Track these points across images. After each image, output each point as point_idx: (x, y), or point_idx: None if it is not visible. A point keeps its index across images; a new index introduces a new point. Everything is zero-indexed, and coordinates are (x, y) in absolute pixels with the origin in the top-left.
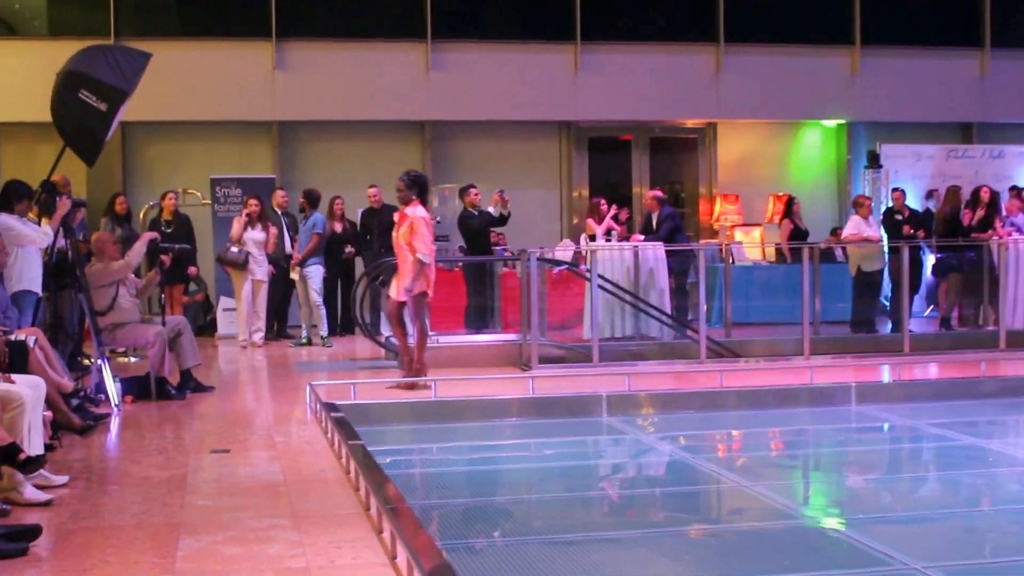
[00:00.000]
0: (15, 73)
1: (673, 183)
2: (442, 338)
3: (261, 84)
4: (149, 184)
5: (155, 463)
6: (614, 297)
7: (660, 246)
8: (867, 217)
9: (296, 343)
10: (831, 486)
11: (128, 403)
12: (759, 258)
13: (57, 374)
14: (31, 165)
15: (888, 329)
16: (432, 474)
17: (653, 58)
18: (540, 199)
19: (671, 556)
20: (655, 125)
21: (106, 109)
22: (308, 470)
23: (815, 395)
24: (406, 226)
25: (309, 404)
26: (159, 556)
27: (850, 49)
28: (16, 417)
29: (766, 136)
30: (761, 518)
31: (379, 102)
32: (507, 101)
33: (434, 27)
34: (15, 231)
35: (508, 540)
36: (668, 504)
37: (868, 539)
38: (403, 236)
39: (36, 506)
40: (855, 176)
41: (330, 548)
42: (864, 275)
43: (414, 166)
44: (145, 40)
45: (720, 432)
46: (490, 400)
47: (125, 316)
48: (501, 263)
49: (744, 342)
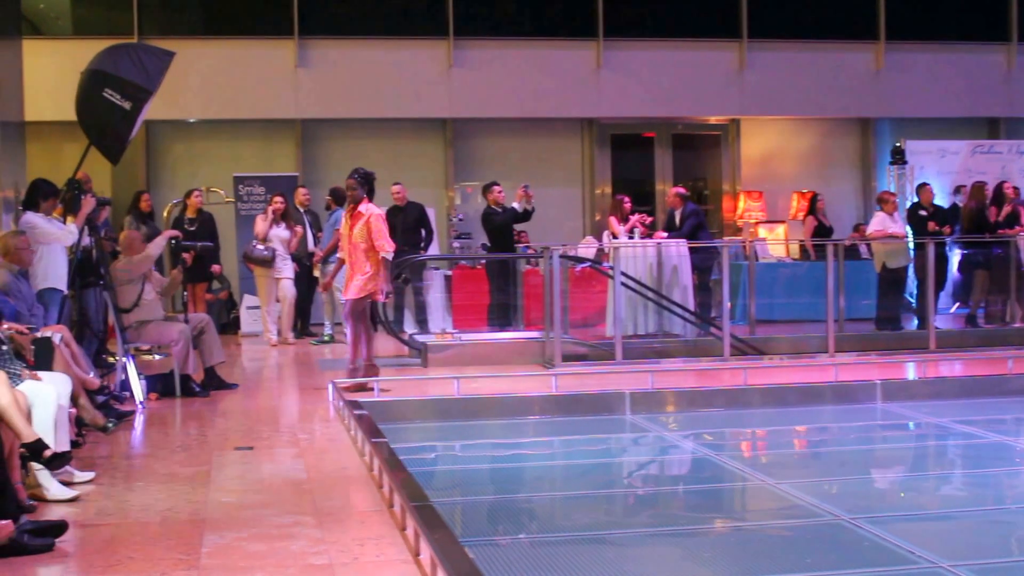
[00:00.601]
0: (40, 72)
1: (696, 180)
2: (465, 335)
3: (284, 82)
4: (172, 182)
5: (179, 460)
6: (637, 294)
7: (683, 243)
8: (892, 213)
9: (318, 341)
10: (856, 484)
11: (152, 400)
12: (783, 255)
13: (83, 371)
14: (56, 164)
15: (914, 326)
16: (455, 471)
17: (676, 54)
18: (563, 196)
19: (695, 554)
20: (678, 122)
21: (130, 108)
22: (331, 467)
23: (840, 393)
24: (362, 225)
25: (332, 402)
26: (184, 552)
27: (875, 44)
28: (42, 414)
29: (790, 132)
30: (786, 516)
31: (402, 100)
32: (529, 98)
33: (456, 24)
34: (41, 229)
35: (531, 537)
36: (692, 502)
37: (894, 537)
38: (359, 235)
39: (62, 502)
40: (880, 172)
41: (353, 545)
42: (889, 272)
43: (437, 164)
44: (168, 39)
45: (744, 430)
46: (513, 397)
47: (149, 314)
48: (524, 261)
49: (768, 339)
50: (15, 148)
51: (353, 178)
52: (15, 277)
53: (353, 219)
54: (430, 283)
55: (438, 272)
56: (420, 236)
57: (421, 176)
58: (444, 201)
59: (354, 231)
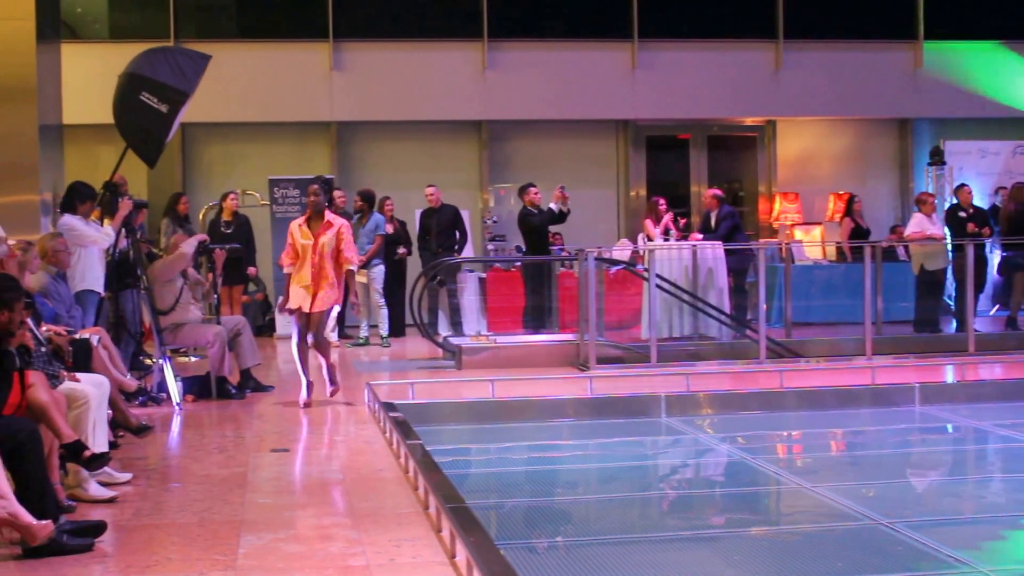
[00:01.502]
0: (77, 76)
1: (732, 182)
2: (500, 338)
3: (319, 85)
4: (208, 185)
5: (216, 461)
6: (672, 297)
7: (719, 245)
8: (930, 215)
9: (354, 343)
10: (895, 488)
11: (189, 402)
12: (819, 257)
13: (120, 373)
14: (93, 167)
15: (952, 329)
16: (490, 474)
17: (711, 55)
18: (597, 198)
19: (731, 557)
20: (713, 123)
21: (167, 111)
22: (367, 469)
23: (878, 396)
24: (333, 234)
25: (368, 404)
26: (221, 553)
27: (913, 44)
28: (81, 415)
29: (826, 133)
30: (823, 520)
31: (436, 102)
32: (564, 100)
33: (491, 26)
34: (78, 232)
35: (566, 540)
36: (728, 505)
37: (933, 541)
38: (329, 244)
39: (101, 503)
40: (918, 173)
41: (390, 547)
42: (927, 274)
43: (471, 166)
44: (204, 42)
45: (780, 433)
46: (548, 400)
47: (186, 316)
48: (558, 263)
49: (805, 342)
50: (54, 151)
51: (319, 185)
52: (53, 279)
53: (322, 228)
54: (464, 285)
55: (472, 274)
56: (454, 238)
57: (455, 178)
58: (478, 203)
59: (322, 240)
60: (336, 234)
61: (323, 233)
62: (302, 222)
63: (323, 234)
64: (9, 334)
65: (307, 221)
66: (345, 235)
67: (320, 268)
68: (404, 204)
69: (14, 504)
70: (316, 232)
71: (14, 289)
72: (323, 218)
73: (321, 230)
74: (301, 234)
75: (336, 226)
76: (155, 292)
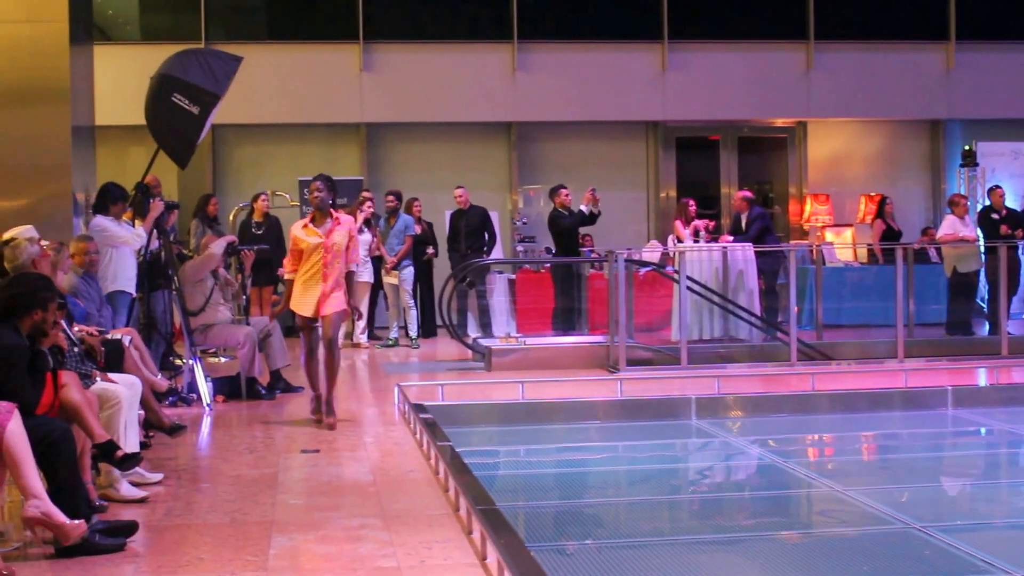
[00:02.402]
0: (109, 77)
1: (762, 183)
2: (529, 339)
3: (349, 86)
4: (238, 186)
5: (246, 462)
6: (702, 299)
7: (749, 247)
8: (963, 216)
9: (383, 344)
10: (927, 491)
11: (219, 403)
12: (851, 259)
13: (151, 373)
14: (124, 168)
15: (985, 331)
16: (520, 476)
17: (741, 56)
18: (627, 200)
19: (762, 561)
20: (744, 124)
21: (198, 112)
22: (397, 470)
23: (910, 399)
24: (343, 234)
25: (397, 405)
26: (252, 554)
27: (945, 45)
28: (113, 415)
29: (858, 135)
30: (856, 523)
31: (466, 103)
32: (594, 101)
33: (520, 28)
34: (110, 232)
35: (596, 543)
36: (758, 508)
37: (967, 546)
38: (339, 245)
39: (132, 503)
40: (950, 175)
41: (420, 548)
42: (960, 276)
43: (500, 167)
44: (234, 44)
45: (811, 436)
46: (577, 402)
47: (216, 317)
48: (588, 265)
49: (836, 344)
50: (86, 152)
51: (321, 182)
52: (84, 280)
53: (332, 226)
54: (494, 287)
55: (502, 276)
56: (483, 240)
57: (485, 179)
58: (508, 204)
59: (334, 239)
60: (347, 232)
61: (333, 231)
62: (306, 222)
63: (334, 232)
64: (43, 334)
65: (312, 220)
66: (354, 235)
67: (332, 268)
68: (433, 205)
69: (47, 503)
70: (325, 230)
71: (48, 289)
72: (330, 215)
73: (331, 228)
74: (308, 233)
75: (346, 224)
76: (185, 292)
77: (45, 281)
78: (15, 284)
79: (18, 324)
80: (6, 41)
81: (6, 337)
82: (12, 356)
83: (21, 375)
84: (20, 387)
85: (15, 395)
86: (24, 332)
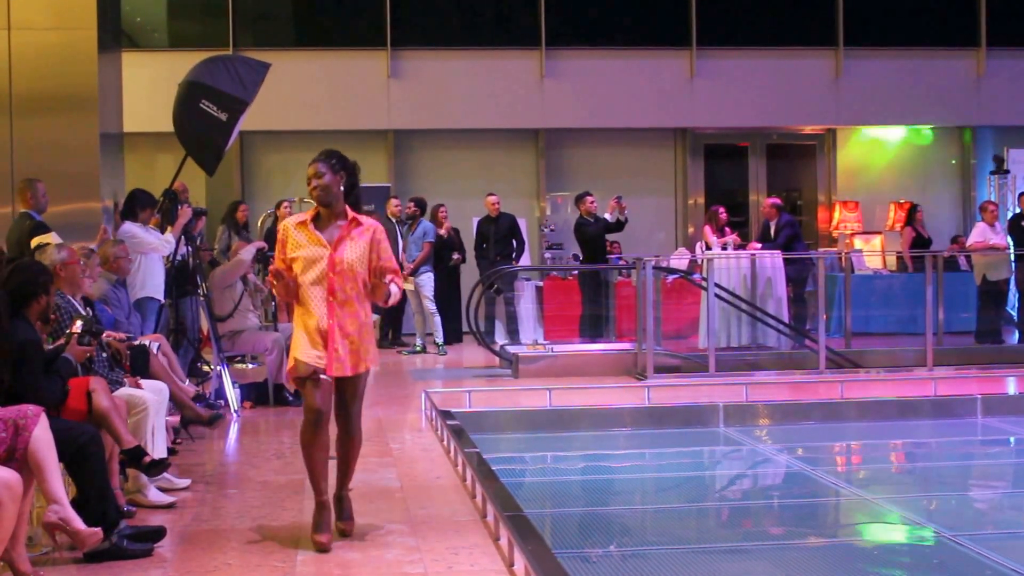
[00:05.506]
0: (137, 84)
1: (791, 190)
2: (557, 346)
3: (376, 93)
4: (266, 193)
5: (273, 468)
6: (730, 306)
7: (778, 254)
8: (993, 224)
9: (410, 351)
10: (957, 500)
11: (246, 409)
12: (880, 267)
13: (179, 379)
14: (152, 174)
15: (1015, 340)
16: (547, 483)
17: (770, 63)
18: (655, 207)
19: (790, 569)
20: (772, 131)
21: (226, 119)
22: (424, 477)
23: (939, 407)
24: (360, 247)
25: (424, 411)
26: (280, 560)
27: (975, 51)
28: (140, 421)
29: (887, 142)
30: (884, 532)
31: (493, 110)
32: (622, 108)
33: (548, 35)
34: (139, 239)
35: (623, 550)
36: (786, 516)
37: (996, 555)
38: (360, 260)
39: (160, 508)
40: (980, 182)
41: (447, 554)
42: (990, 284)
43: (528, 174)
44: (262, 50)
45: (840, 444)
46: (605, 410)
47: (244, 323)
48: (616, 272)
49: (864, 352)
50: (114, 159)
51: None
52: (113, 286)
53: (342, 231)
54: (521, 294)
55: (529, 283)
56: (512, 247)
57: (512, 186)
58: (535, 211)
59: (343, 253)
60: (370, 242)
61: (344, 241)
62: (306, 219)
63: (346, 240)
64: (46, 320)
65: (314, 219)
66: (381, 239)
67: (345, 295)
68: (460, 212)
69: (67, 509)
70: (333, 237)
71: (45, 272)
72: (343, 216)
73: (342, 235)
74: (307, 237)
75: (369, 228)
76: (214, 298)
77: (40, 266)
78: (16, 274)
79: (27, 314)
80: (34, 49)
81: (22, 331)
82: (27, 351)
83: (37, 372)
84: (36, 384)
85: (32, 392)
86: (33, 320)
